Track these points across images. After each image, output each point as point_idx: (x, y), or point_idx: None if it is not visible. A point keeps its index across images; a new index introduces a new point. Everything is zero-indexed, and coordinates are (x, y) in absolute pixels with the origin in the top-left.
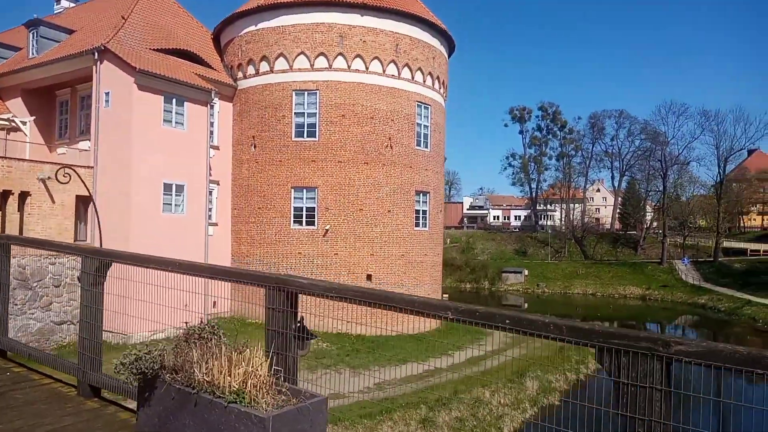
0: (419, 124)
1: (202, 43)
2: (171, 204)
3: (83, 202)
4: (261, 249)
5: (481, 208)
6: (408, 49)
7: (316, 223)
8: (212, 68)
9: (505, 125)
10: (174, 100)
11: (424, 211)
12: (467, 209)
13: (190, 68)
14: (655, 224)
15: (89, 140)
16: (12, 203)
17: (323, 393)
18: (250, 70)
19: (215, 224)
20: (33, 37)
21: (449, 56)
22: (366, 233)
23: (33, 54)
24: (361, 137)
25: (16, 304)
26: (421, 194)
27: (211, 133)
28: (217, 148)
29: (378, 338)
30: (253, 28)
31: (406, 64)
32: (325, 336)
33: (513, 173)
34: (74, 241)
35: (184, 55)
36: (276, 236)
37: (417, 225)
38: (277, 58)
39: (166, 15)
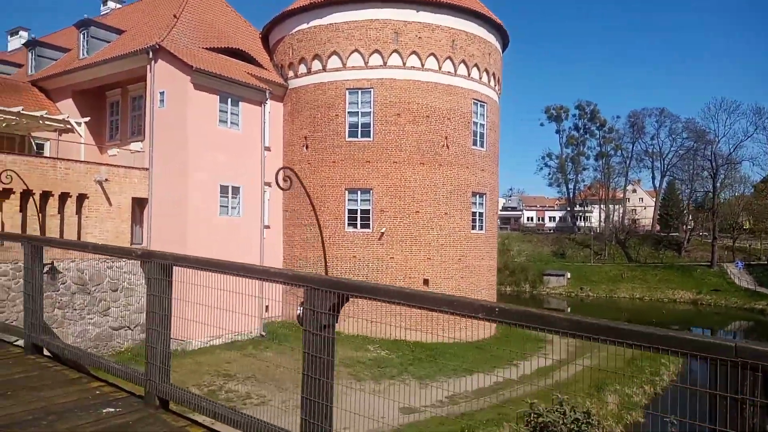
0: (475, 123)
1: (251, 42)
2: (227, 206)
3: (139, 205)
4: (314, 252)
5: (514, 209)
6: (464, 45)
7: (371, 226)
8: (263, 67)
9: (541, 124)
10: (229, 100)
11: (481, 213)
12: (500, 210)
13: (242, 68)
14: (696, 224)
15: (141, 141)
16: (70, 206)
17: (395, 406)
18: (302, 69)
19: (267, 227)
20: (83, 38)
21: (503, 51)
22: (422, 236)
23: (83, 55)
24: (417, 137)
25: (75, 309)
26: (478, 195)
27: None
28: (268, 149)
29: (436, 346)
30: (304, 26)
31: (463, 61)
32: (383, 343)
33: (549, 173)
34: (131, 244)
35: (235, 54)
36: (329, 239)
37: (473, 228)
38: (329, 57)
39: (216, 14)
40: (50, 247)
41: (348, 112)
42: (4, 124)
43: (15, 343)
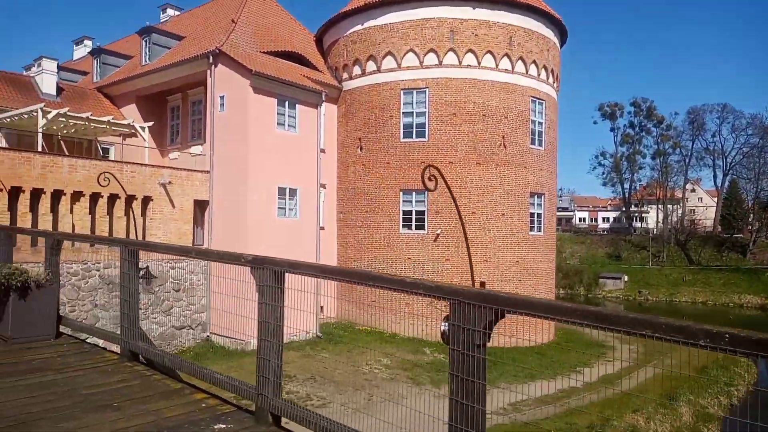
0: (533, 121)
1: (306, 44)
2: (285, 208)
3: (200, 207)
4: (368, 253)
5: (565, 209)
6: (522, 41)
7: (426, 227)
8: (318, 70)
9: (594, 122)
10: (286, 103)
11: (539, 214)
12: None
13: (298, 70)
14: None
15: (201, 145)
16: (135, 208)
17: None
18: (356, 70)
19: (322, 228)
20: (146, 45)
21: (561, 47)
22: (479, 238)
23: (146, 61)
24: (473, 136)
25: (140, 308)
26: (536, 196)
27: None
28: (323, 151)
29: (494, 350)
30: (359, 27)
31: (520, 58)
32: (438, 346)
33: (603, 173)
34: (192, 245)
35: (291, 57)
36: (384, 240)
37: (532, 229)
38: (384, 57)
39: (272, 18)
40: (147, 251)
41: (403, 113)
42: (73, 130)
43: (109, 349)
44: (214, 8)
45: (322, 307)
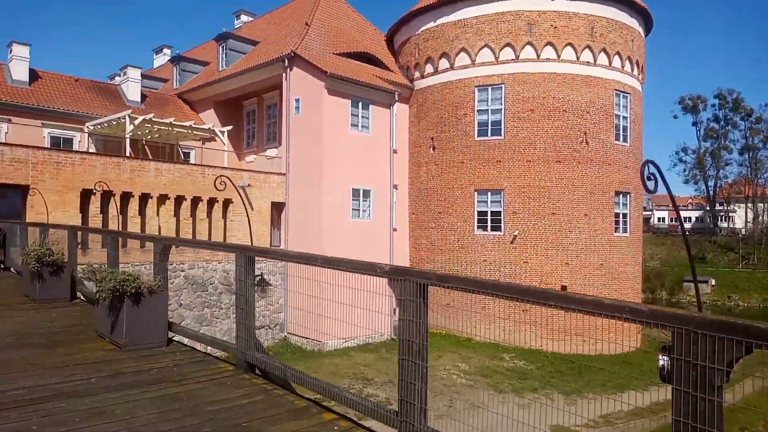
0: (617, 116)
1: (376, 45)
2: (359, 209)
3: (276, 209)
4: (442, 255)
5: (644, 209)
6: (604, 32)
7: (502, 229)
8: (389, 70)
9: (675, 117)
10: (360, 104)
11: (624, 215)
12: None
13: (370, 71)
14: None
15: (276, 147)
16: (217, 210)
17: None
18: (428, 68)
19: (395, 229)
20: (222, 51)
21: (646, 36)
22: (560, 240)
23: (222, 67)
24: (553, 133)
25: (221, 308)
26: (621, 195)
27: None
28: (395, 151)
29: (577, 357)
30: (431, 24)
31: (603, 49)
32: (517, 351)
33: (685, 170)
34: (270, 245)
35: (363, 58)
36: (458, 242)
37: (617, 230)
38: (458, 54)
39: (343, 19)
40: (261, 257)
41: (477, 110)
42: (156, 135)
43: (221, 358)
44: (286, 13)
45: (395, 309)
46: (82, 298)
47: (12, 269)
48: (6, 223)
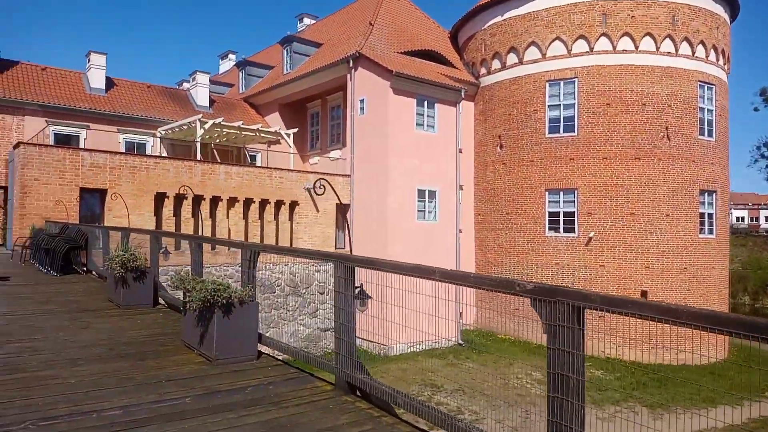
0: (702, 109)
1: (440, 42)
2: (424, 211)
3: (341, 210)
4: (510, 258)
5: None
6: (686, 19)
7: (576, 230)
8: (454, 67)
9: (755, 109)
10: (425, 103)
11: (710, 214)
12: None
13: (435, 69)
14: None
15: (339, 149)
16: (283, 212)
17: None
18: (495, 64)
19: (460, 231)
20: (287, 54)
21: (732, 22)
22: (639, 242)
23: (287, 70)
24: (631, 128)
25: (288, 310)
26: (706, 193)
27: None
28: (460, 150)
29: (659, 368)
30: (498, 18)
31: (685, 38)
32: (594, 361)
33: (767, 166)
34: (335, 248)
35: (427, 56)
36: (528, 244)
37: (701, 231)
38: (527, 48)
39: (406, 17)
40: (366, 268)
41: (548, 106)
42: (225, 139)
43: (317, 376)
44: (349, 14)
45: (460, 313)
46: (163, 303)
47: (93, 272)
48: (88, 227)
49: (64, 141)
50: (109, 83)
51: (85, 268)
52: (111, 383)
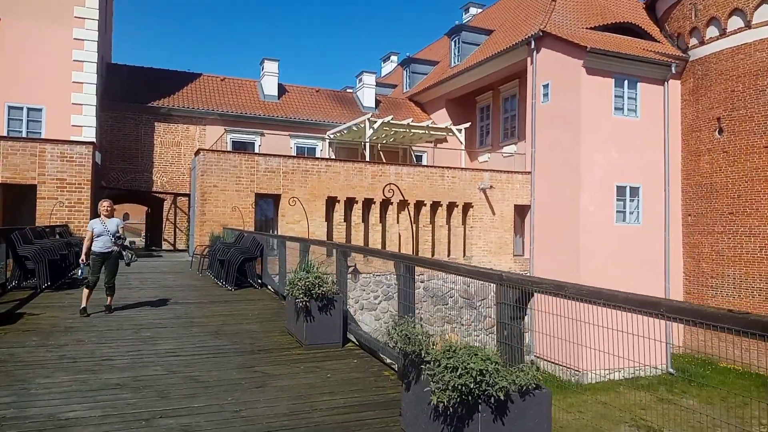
0: None
1: (635, 14)
2: (624, 211)
3: (518, 213)
4: (733, 269)
5: None
6: None
7: None
8: (655, 41)
9: None
10: (625, 83)
11: None
12: None
13: (633, 44)
14: None
15: (514, 144)
16: (456, 215)
17: None
18: (711, 32)
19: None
20: (454, 45)
21: None
22: None
23: (455, 62)
24: None
25: (462, 325)
26: None
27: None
28: (667, 138)
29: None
30: None
31: None
32: None
33: None
34: (512, 256)
35: (621, 29)
36: (762, 252)
37: None
38: (757, 7)
39: None
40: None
41: None
42: (392, 139)
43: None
44: None
45: (669, 336)
46: (354, 341)
47: (269, 287)
48: (264, 236)
49: (241, 147)
50: (281, 90)
51: (260, 281)
52: None
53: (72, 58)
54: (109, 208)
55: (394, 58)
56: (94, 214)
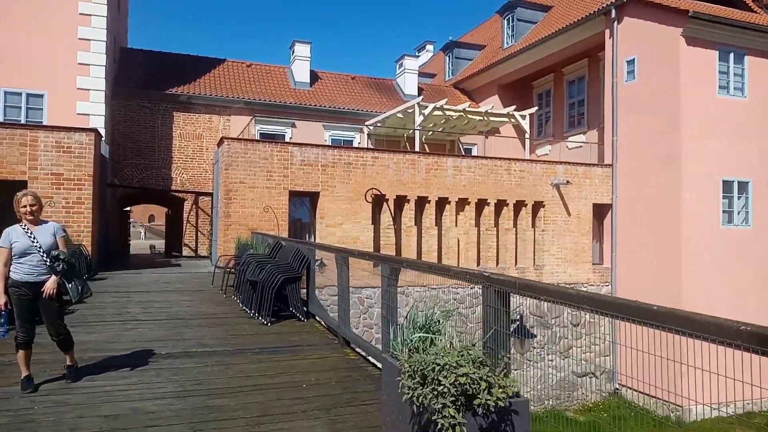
0: None
1: None
2: (731, 211)
3: (596, 213)
4: None
5: None
6: None
7: None
8: (752, 11)
9: None
10: (731, 56)
11: None
12: None
13: (727, 12)
14: None
15: (583, 134)
16: (524, 217)
17: None
18: None
19: None
20: (508, 24)
21: None
22: None
23: (508, 43)
24: None
25: (534, 347)
26: None
27: None
28: None
29: None
30: None
31: None
32: None
33: None
34: (591, 264)
35: None
36: None
37: None
38: None
39: None
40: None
41: None
42: (440, 129)
43: None
44: None
45: None
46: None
47: (318, 319)
48: (309, 246)
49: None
50: (314, 76)
51: (306, 309)
52: None
53: (77, 35)
54: (34, 207)
55: (429, 47)
56: (95, 214)
